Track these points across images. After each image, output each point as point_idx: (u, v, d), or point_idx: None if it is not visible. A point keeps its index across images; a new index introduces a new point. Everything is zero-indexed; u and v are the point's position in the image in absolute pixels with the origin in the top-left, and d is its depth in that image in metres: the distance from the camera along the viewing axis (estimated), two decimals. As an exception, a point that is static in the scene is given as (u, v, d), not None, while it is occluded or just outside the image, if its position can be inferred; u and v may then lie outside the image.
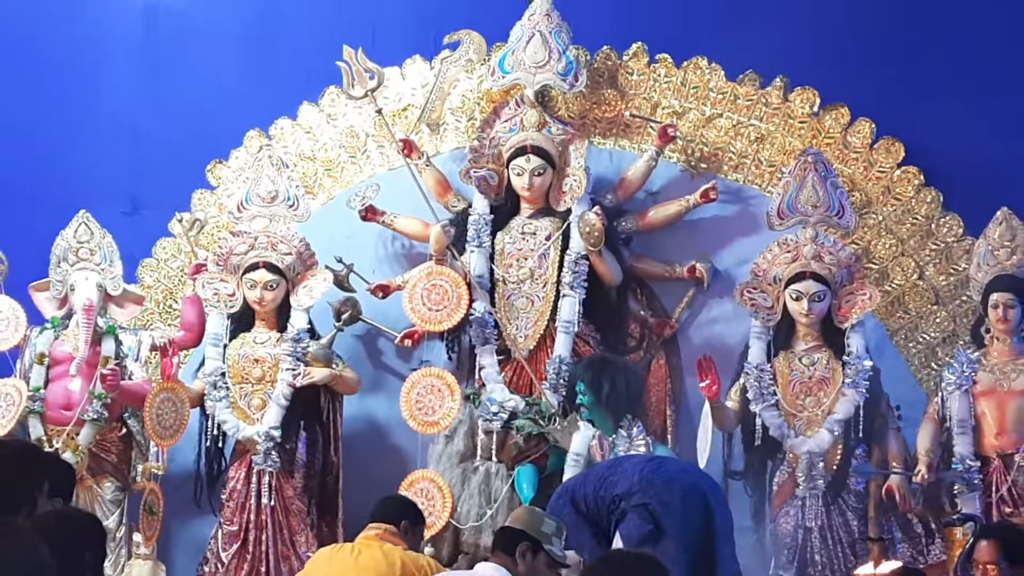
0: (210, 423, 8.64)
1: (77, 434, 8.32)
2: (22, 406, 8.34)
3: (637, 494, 6.78)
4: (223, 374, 8.59)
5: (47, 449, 7.69)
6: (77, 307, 8.53)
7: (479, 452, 8.56)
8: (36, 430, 8.33)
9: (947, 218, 8.85)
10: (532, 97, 8.81)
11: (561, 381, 8.50)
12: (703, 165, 9.08)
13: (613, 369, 8.21)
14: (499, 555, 6.13)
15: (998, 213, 8.37)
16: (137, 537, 8.35)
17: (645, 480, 6.87)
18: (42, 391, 8.44)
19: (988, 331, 8.25)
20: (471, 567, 7.30)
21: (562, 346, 8.59)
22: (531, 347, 8.70)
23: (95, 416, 8.33)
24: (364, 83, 9.15)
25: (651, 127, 8.97)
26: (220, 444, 8.68)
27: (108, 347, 8.55)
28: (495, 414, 8.47)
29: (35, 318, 8.72)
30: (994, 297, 8.17)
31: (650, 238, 9.02)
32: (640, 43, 9.16)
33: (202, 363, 8.73)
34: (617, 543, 6.52)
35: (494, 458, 8.51)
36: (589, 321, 8.71)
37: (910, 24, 9.08)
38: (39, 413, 8.39)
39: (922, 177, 8.91)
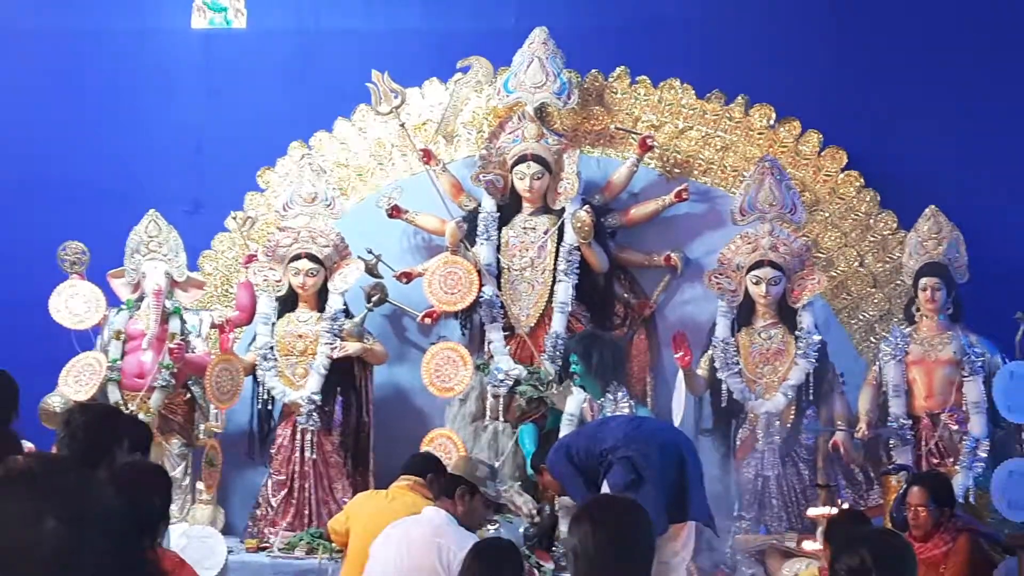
0: (261, 389, 8.75)
1: (148, 399, 8.35)
2: (102, 375, 8.39)
3: (622, 448, 6.86)
4: (272, 348, 8.68)
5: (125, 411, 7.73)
6: (148, 291, 8.57)
7: (488, 413, 8.66)
8: (114, 395, 8.35)
9: (883, 215, 8.93)
10: (532, 113, 8.86)
11: (557, 353, 8.59)
12: (676, 170, 9.13)
13: (601, 343, 8.31)
14: (443, 500, 6.19)
15: (926, 210, 8.39)
16: (200, 486, 8.40)
17: (628, 436, 6.96)
18: (119, 362, 8.47)
19: (918, 310, 8.31)
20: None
21: (558, 323, 8.68)
22: (532, 324, 8.79)
23: (164, 383, 8.40)
24: (389, 101, 9.19)
25: (632, 138, 9.03)
26: (269, 407, 8.78)
27: (174, 325, 8.60)
28: (501, 381, 8.58)
29: (113, 301, 8.71)
30: (923, 281, 8.24)
31: (632, 232, 9.10)
32: (623, 67, 9.22)
33: (254, 338, 8.81)
34: (604, 490, 6.61)
35: (501, 418, 8.61)
36: (581, 302, 8.80)
37: (853, 49, 9.14)
38: (116, 381, 8.42)
39: (862, 180, 8.98)
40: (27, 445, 6.38)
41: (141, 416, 7.97)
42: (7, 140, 9.81)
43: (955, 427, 8.03)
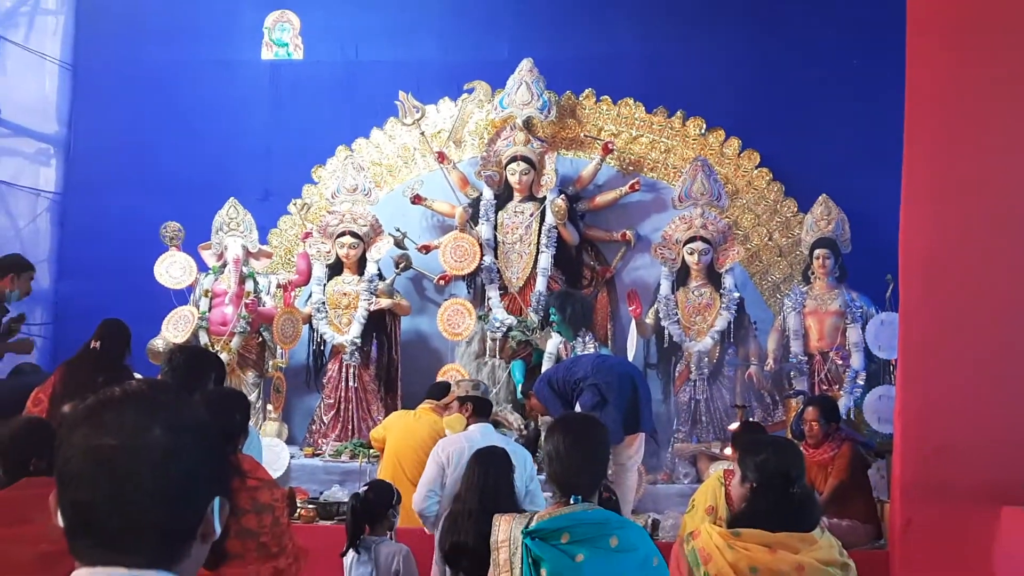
0: (315, 334, 8.77)
1: (230, 341, 8.40)
2: (194, 323, 8.41)
3: (590, 378, 6.92)
4: (323, 303, 8.71)
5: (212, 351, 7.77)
6: (229, 260, 8.56)
7: (488, 352, 8.68)
8: (203, 339, 8.38)
9: (786, 201, 8.97)
10: (520, 124, 8.84)
11: (540, 307, 8.61)
12: (630, 168, 9.13)
13: (573, 299, 8.29)
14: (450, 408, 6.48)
15: (819, 198, 8.46)
16: (269, 407, 8.47)
17: (595, 369, 7.02)
18: (207, 314, 8.50)
19: (812, 274, 8.36)
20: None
21: (540, 284, 8.69)
22: (520, 285, 8.80)
23: (241, 330, 8.42)
24: (412, 115, 9.21)
25: (597, 143, 9.00)
26: (322, 348, 8.80)
27: (249, 285, 8.58)
28: (497, 328, 8.64)
29: (202, 267, 8.72)
30: (816, 252, 8.29)
31: (596, 215, 9.08)
32: (590, 89, 9.21)
33: (309, 296, 8.82)
34: (577, 409, 6.70)
35: (497, 356, 8.64)
36: (557, 268, 8.78)
37: (765, 73, 9.13)
38: (205, 328, 8.45)
39: (771, 175, 9.02)
40: (137, 376, 6.44)
41: (223, 355, 8.02)
42: (128, 144, 9.81)
43: (840, 362, 8.10)
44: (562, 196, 8.76)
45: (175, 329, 8.46)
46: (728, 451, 7.24)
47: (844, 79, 8.66)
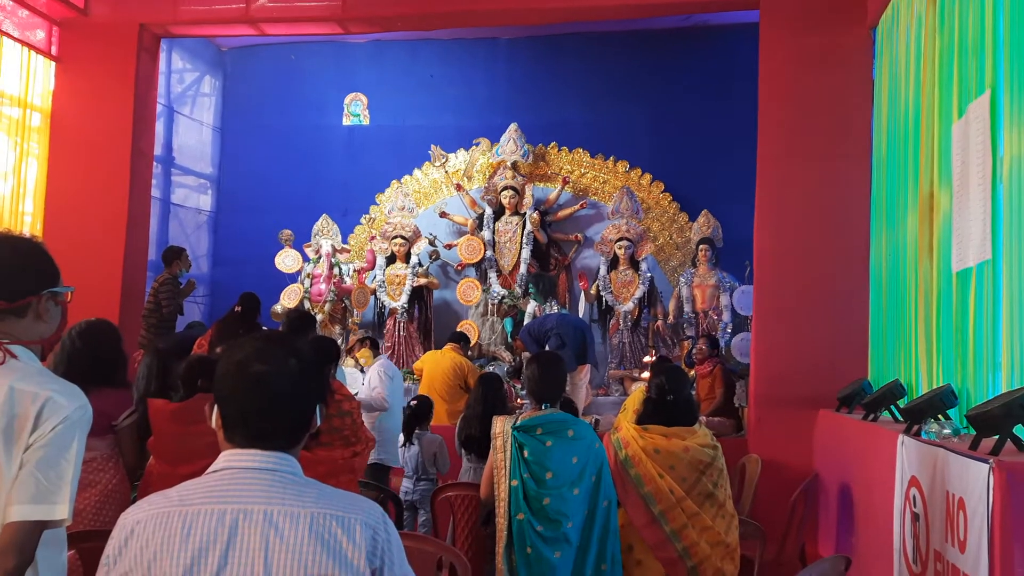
0: (378, 302, 8.73)
1: (324, 307, 8.46)
2: (300, 295, 8.44)
3: (555, 329, 6.97)
4: (383, 281, 8.68)
5: (312, 313, 7.79)
6: (323, 254, 8.58)
7: (489, 312, 8.66)
8: (306, 305, 8.35)
9: (681, 214, 8.92)
10: (510, 165, 8.82)
11: (522, 283, 8.59)
12: (580, 193, 9.08)
13: (543, 279, 8.30)
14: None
15: (703, 211, 8.41)
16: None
17: (557, 323, 7.07)
18: (309, 289, 8.54)
19: (698, 260, 8.29)
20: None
21: (523, 269, 8.64)
22: (510, 269, 8.73)
23: (331, 299, 8.42)
24: (439, 160, 9.23)
25: (559, 177, 9.01)
26: (382, 310, 8.76)
27: (336, 271, 8.66)
28: (495, 296, 8.62)
29: (305, 259, 8.68)
30: (701, 246, 8.24)
31: (559, 223, 9.00)
32: (554, 141, 9.19)
33: (374, 277, 8.77)
34: (546, 348, 6.74)
35: (495, 315, 8.64)
36: (534, 258, 8.72)
37: (667, 128, 9.06)
38: (308, 298, 8.44)
39: (671, 196, 8.98)
40: (264, 329, 6.47)
41: (319, 316, 8.04)
42: (257, 179, 9.80)
43: (716, 317, 8.11)
44: (536, 212, 8.74)
45: (288, 299, 8.48)
46: (644, 375, 7.33)
47: (722, 129, 8.57)
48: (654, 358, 7.22)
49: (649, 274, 8.48)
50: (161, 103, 8.59)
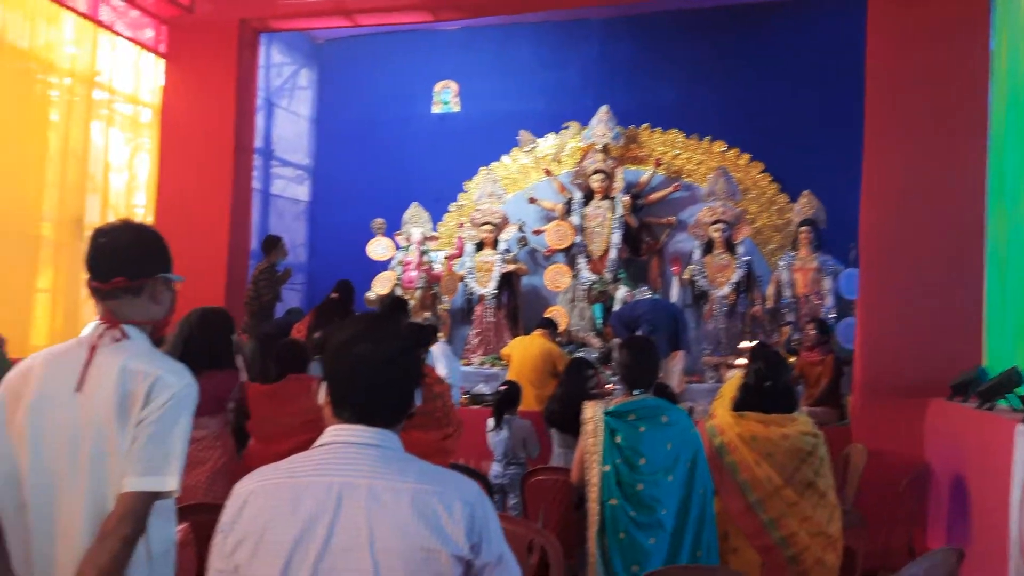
0: (467, 288, 8.81)
1: (414, 293, 8.58)
2: (393, 282, 8.60)
3: (646, 314, 6.91)
4: (472, 268, 8.75)
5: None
6: (413, 242, 8.74)
7: (578, 298, 8.58)
8: (398, 291, 8.52)
9: (781, 195, 8.69)
10: (600, 148, 8.76)
11: (612, 268, 8.53)
12: (674, 175, 8.95)
13: (633, 264, 8.31)
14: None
15: (804, 192, 8.20)
16: (439, 333, 8.62)
17: (649, 308, 7.01)
18: (400, 276, 8.70)
19: (799, 243, 8.08)
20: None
21: (613, 254, 8.55)
22: (599, 255, 8.65)
23: (421, 286, 8.56)
24: (528, 145, 9.25)
25: (651, 159, 8.92)
26: (471, 296, 8.82)
27: (425, 258, 8.79)
28: (584, 282, 8.58)
29: (396, 246, 8.85)
30: (802, 228, 8.04)
31: (651, 207, 8.87)
32: (646, 123, 9.08)
33: (463, 264, 8.84)
34: (637, 334, 6.68)
35: (585, 301, 8.56)
36: (624, 243, 8.63)
37: (767, 105, 8.77)
38: (399, 285, 8.60)
39: (771, 177, 8.75)
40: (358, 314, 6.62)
41: (411, 302, 8.18)
42: (350, 169, 10.01)
43: (818, 302, 7.87)
44: (627, 195, 8.65)
45: (380, 285, 8.63)
46: (740, 361, 7.18)
47: (822, 107, 8.29)
48: (751, 344, 7.05)
49: (747, 258, 8.27)
50: (261, 97, 8.89)
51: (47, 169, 6.40)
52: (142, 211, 7.33)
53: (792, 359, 6.83)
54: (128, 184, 7.25)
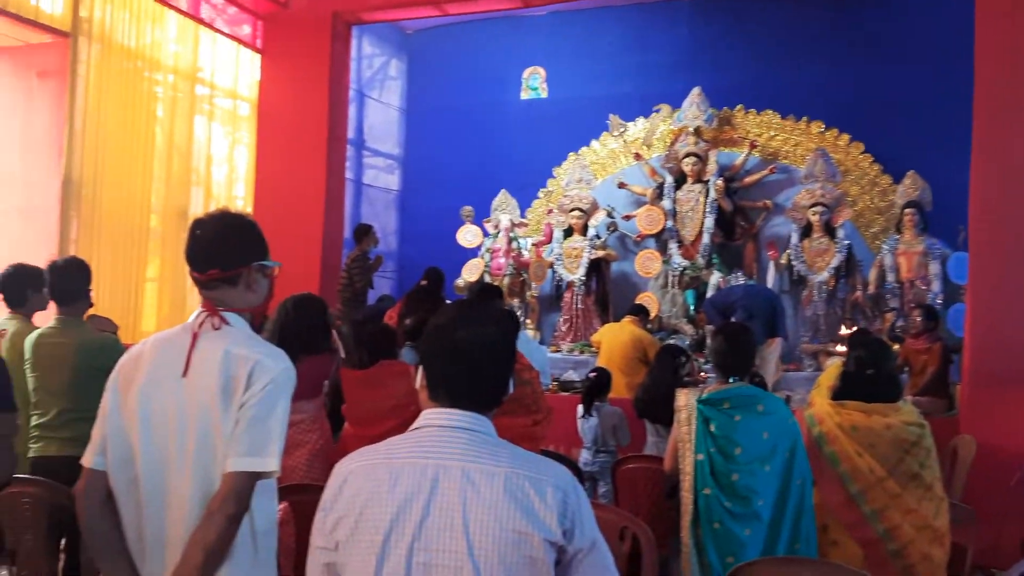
0: (556, 274, 8.79)
1: (503, 280, 8.63)
2: (481, 269, 8.68)
3: (741, 300, 6.78)
4: (561, 254, 8.74)
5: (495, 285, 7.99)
6: (501, 229, 8.80)
7: (669, 284, 8.50)
8: (486, 278, 8.58)
9: (884, 177, 8.36)
10: (692, 131, 8.62)
11: (705, 253, 8.40)
12: (769, 157, 8.71)
13: (727, 248, 8.16)
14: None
15: (908, 173, 7.91)
16: (527, 320, 8.66)
17: (744, 294, 6.89)
18: (489, 263, 8.79)
19: (903, 226, 7.78)
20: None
21: (706, 239, 8.42)
22: (692, 239, 8.53)
23: (509, 272, 8.65)
24: (618, 129, 9.18)
25: (745, 141, 8.71)
26: (560, 283, 8.81)
27: (514, 244, 8.80)
28: (677, 267, 8.46)
29: (485, 233, 8.92)
30: (906, 210, 7.75)
31: (746, 190, 8.68)
32: (740, 104, 8.87)
33: (552, 250, 8.83)
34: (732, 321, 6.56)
35: (677, 287, 8.48)
36: (717, 227, 8.48)
37: (868, 83, 8.47)
38: (488, 272, 8.70)
39: (872, 158, 8.42)
40: (448, 302, 6.73)
41: (502, 289, 8.23)
42: (439, 157, 10.11)
43: (924, 287, 7.54)
44: (721, 179, 8.47)
45: (469, 273, 8.74)
46: (841, 348, 6.96)
47: (926, 84, 7.93)
48: (858, 329, 6.82)
49: (847, 241, 8.00)
50: (353, 88, 9.08)
51: (154, 163, 6.72)
52: (242, 202, 7.61)
53: (896, 346, 6.57)
54: (228, 176, 7.55)
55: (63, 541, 3.16)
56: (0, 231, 6.03)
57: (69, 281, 3.47)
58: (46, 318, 3.64)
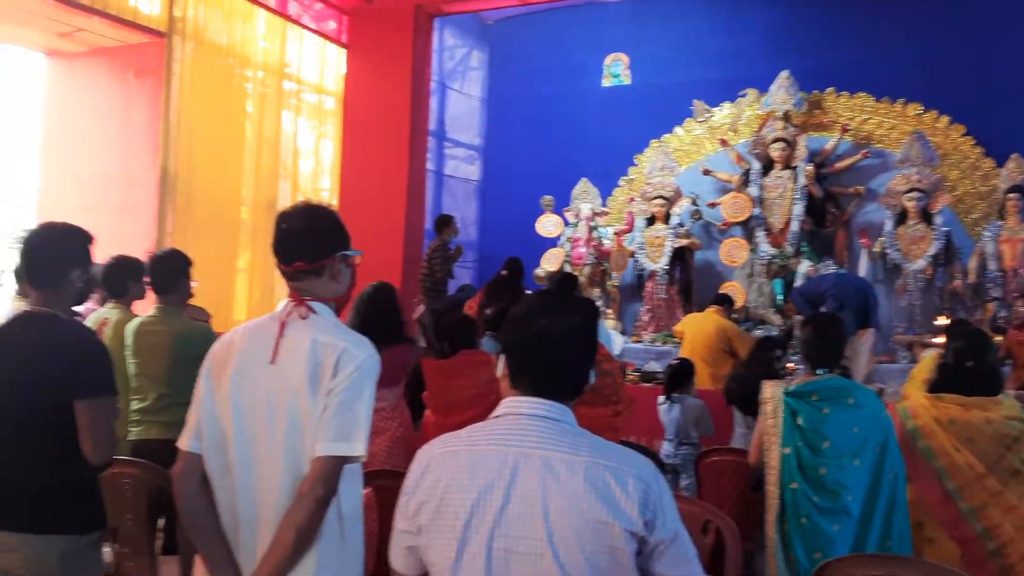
0: (637, 263, 8.69)
1: (583, 269, 8.60)
2: (562, 259, 8.67)
3: (832, 290, 6.60)
4: (643, 243, 8.63)
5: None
6: (582, 217, 8.78)
7: (757, 273, 8.30)
8: (567, 268, 8.57)
9: (986, 160, 7.97)
10: (780, 115, 8.40)
11: (793, 242, 8.19)
12: (862, 141, 8.43)
13: (819, 236, 7.93)
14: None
15: (1012, 156, 7.56)
16: (608, 310, 8.59)
17: (835, 283, 6.70)
18: (569, 252, 8.75)
19: (1006, 211, 7.42)
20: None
21: (794, 226, 8.20)
22: (780, 227, 8.31)
23: (590, 261, 8.62)
24: (703, 115, 9.03)
25: (836, 125, 8.44)
26: (642, 272, 8.71)
27: (595, 234, 8.79)
28: (763, 256, 8.27)
29: (565, 222, 8.90)
30: (1010, 195, 7.39)
31: (837, 175, 8.42)
32: (832, 87, 8.60)
33: (633, 239, 8.72)
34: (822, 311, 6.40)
35: (764, 276, 8.28)
36: (808, 215, 8.25)
37: (967, 62, 8.04)
38: (568, 261, 8.68)
39: (974, 140, 8.04)
40: (528, 292, 6.76)
41: (579, 277, 8.21)
42: (519, 147, 10.15)
43: (1029, 276, 7.20)
44: (811, 164, 8.23)
45: (549, 263, 8.75)
46: (937, 340, 6.68)
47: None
48: (949, 321, 6.53)
49: (945, 228, 7.65)
50: (434, 80, 9.18)
51: (244, 158, 6.96)
52: (327, 194, 7.82)
53: (998, 338, 6.28)
54: (314, 169, 7.76)
55: (161, 521, 3.30)
56: (101, 226, 6.29)
57: (168, 272, 3.61)
58: (144, 307, 3.81)
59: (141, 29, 6.24)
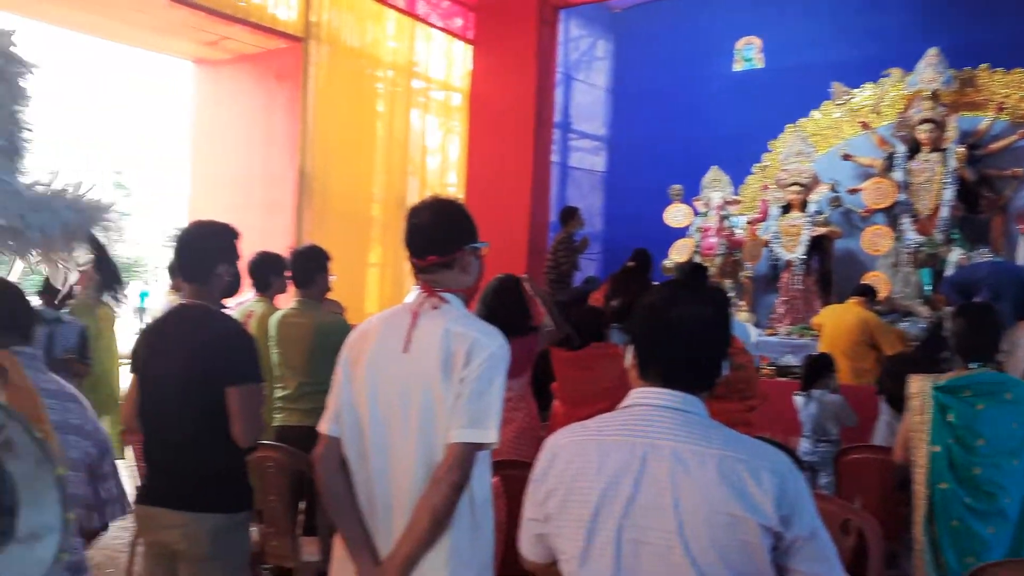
0: (772, 253, 8.34)
1: (714, 260, 8.30)
2: (691, 250, 8.47)
3: (987, 279, 6.21)
4: (778, 232, 8.26)
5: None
6: (712, 207, 8.58)
7: (902, 262, 7.80)
8: (697, 258, 8.37)
9: None
10: (928, 95, 7.89)
11: (943, 229, 7.70)
12: (1021, 119, 7.80)
13: (971, 222, 7.42)
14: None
15: None
16: (741, 302, 8.31)
17: (991, 272, 6.31)
18: (699, 243, 8.55)
19: None
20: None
21: (944, 212, 7.69)
22: (928, 214, 7.81)
23: (721, 252, 8.34)
24: (842, 97, 8.67)
25: (991, 104, 7.87)
26: (777, 263, 8.31)
27: (726, 223, 8.54)
28: (909, 244, 7.81)
29: (695, 212, 8.74)
30: None
31: (992, 157, 7.84)
32: (986, 63, 8.01)
33: (768, 228, 8.38)
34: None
35: (910, 266, 7.75)
36: (959, 200, 7.73)
37: None
38: (698, 252, 8.45)
39: None
40: (654, 284, 6.67)
41: (710, 268, 8.04)
42: (646, 136, 9.99)
43: None
44: (963, 146, 7.72)
45: (678, 254, 8.61)
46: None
47: None
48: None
49: None
50: (559, 71, 9.19)
51: (376, 156, 7.22)
52: (453, 189, 8.00)
53: None
54: (441, 165, 7.96)
55: (302, 503, 3.49)
56: (245, 224, 6.70)
57: (308, 267, 3.80)
58: (286, 301, 4.02)
59: (280, 35, 6.59)
